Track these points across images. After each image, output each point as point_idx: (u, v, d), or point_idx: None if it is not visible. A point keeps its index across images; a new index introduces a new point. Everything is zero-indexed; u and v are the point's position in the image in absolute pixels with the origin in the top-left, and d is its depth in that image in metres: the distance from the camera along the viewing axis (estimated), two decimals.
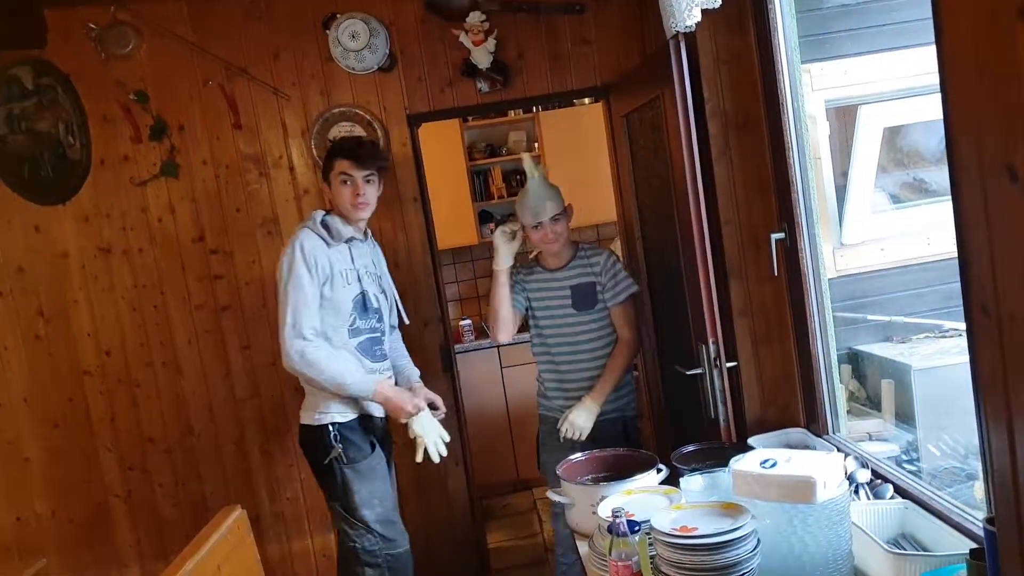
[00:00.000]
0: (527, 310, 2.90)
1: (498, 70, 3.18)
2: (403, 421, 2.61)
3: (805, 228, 2.13)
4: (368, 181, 2.63)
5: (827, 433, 2.18)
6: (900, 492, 1.79)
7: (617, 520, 1.59)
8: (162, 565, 3.16)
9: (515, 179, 5.36)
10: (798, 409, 2.29)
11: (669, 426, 3.02)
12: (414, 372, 2.86)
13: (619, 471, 2.11)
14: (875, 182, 3.04)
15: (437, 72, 3.20)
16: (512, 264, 2.82)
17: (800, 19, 2.24)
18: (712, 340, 2.23)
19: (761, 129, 2.27)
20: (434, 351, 3.26)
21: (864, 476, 1.86)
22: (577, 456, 2.18)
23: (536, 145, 5.35)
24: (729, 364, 2.24)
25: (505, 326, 2.82)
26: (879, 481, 1.84)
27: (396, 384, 2.73)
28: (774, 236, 2.19)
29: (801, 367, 2.25)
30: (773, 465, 1.57)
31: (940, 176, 3.70)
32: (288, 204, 3.19)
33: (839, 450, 2.02)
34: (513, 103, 3.47)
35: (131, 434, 3.18)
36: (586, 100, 5.25)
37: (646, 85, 2.66)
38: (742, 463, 1.60)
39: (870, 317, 3.23)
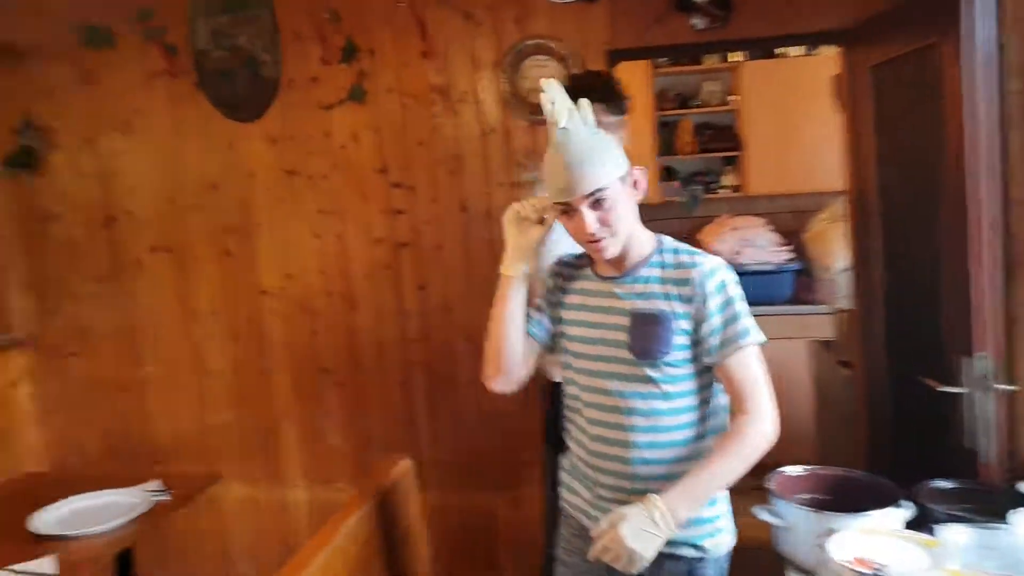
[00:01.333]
0: (552, 340, 1.70)
1: (719, 4, 2.72)
2: None
3: None
4: None
5: None
6: None
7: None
8: (329, 491, 3.12)
9: (706, 133, 4.83)
10: None
11: (891, 442, 2.51)
12: None
13: (843, 496, 1.72)
14: None
15: (647, 4, 2.78)
16: (528, 270, 1.63)
17: None
18: (981, 354, 1.74)
19: None
20: None
21: None
22: (795, 469, 1.79)
23: (732, 99, 4.78)
24: (1004, 387, 1.75)
25: (507, 364, 1.63)
26: None
27: None
28: None
29: None
30: None
31: None
32: (472, 143, 2.93)
33: None
34: (731, 44, 3.01)
35: (306, 361, 3.12)
36: (798, 51, 4.61)
37: (911, 30, 2.13)
38: None
39: None
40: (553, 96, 1.50)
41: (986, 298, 1.74)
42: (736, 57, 4.57)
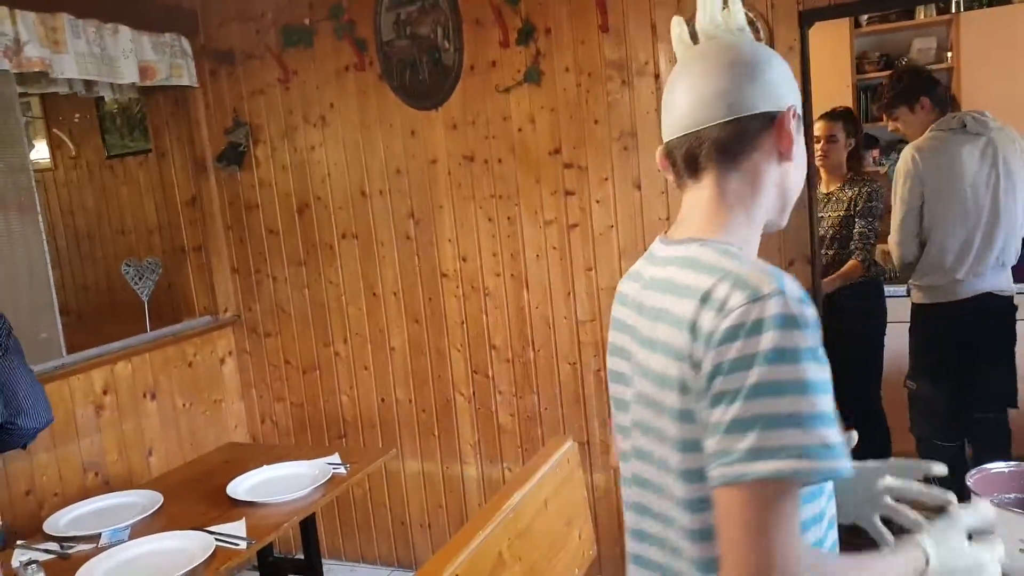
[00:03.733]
0: None
1: None
2: None
3: None
4: None
5: None
6: None
7: None
8: (497, 469, 3.30)
9: None
10: None
11: None
12: None
13: None
14: None
15: None
16: None
17: None
18: None
19: None
20: None
21: None
22: (997, 465, 1.64)
23: (950, 55, 4.34)
24: None
25: None
26: None
27: None
28: None
29: None
30: None
31: None
32: (648, 116, 2.92)
33: None
34: None
35: (478, 339, 3.30)
36: None
37: None
38: None
39: None
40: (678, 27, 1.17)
41: None
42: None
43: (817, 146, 3.47)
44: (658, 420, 1.02)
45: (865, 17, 4.41)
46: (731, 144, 1.05)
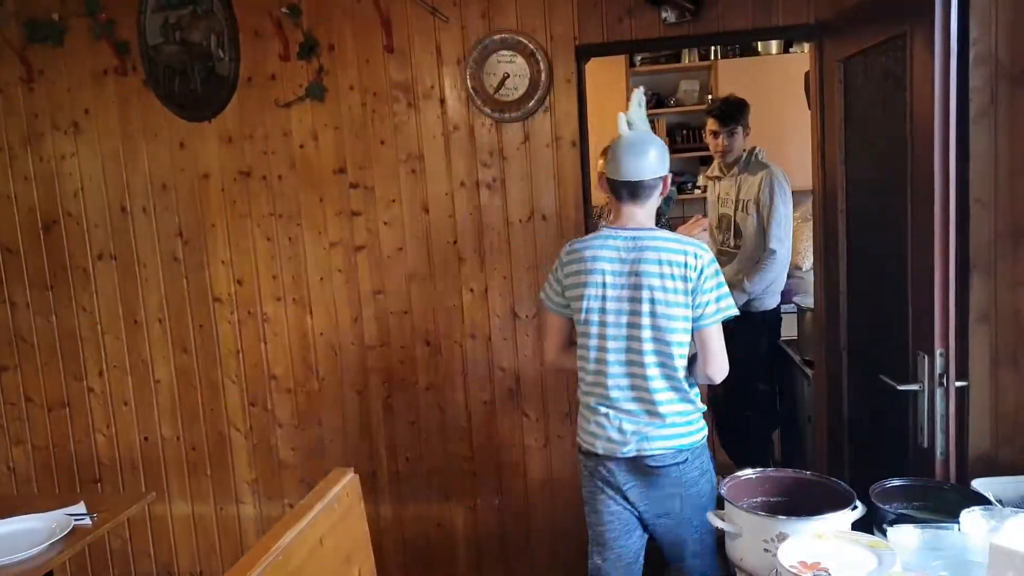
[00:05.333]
0: None
1: None
2: None
3: None
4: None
5: None
6: None
7: None
8: (277, 507, 3.13)
9: (681, 134, 4.90)
10: None
11: (850, 443, 2.57)
12: None
13: (799, 498, 1.75)
14: None
15: None
16: None
17: None
18: (940, 351, 1.78)
19: None
20: None
21: None
22: (747, 472, 1.82)
23: (710, 97, 4.84)
24: (958, 383, 1.79)
25: None
26: None
27: None
28: None
29: None
30: None
31: None
32: (435, 141, 2.96)
33: None
34: (703, 39, 3.05)
35: (256, 369, 3.13)
36: (772, 49, 4.70)
37: (883, 21, 2.17)
38: (1005, 537, 1.19)
39: None
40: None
41: (948, 296, 1.78)
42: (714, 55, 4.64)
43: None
44: (668, 309, 2.01)
45: (639, 59, 4.81)
46: (658, 187, 2.13)
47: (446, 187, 2.96)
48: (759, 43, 4.76)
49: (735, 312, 2.07)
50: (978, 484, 1.75)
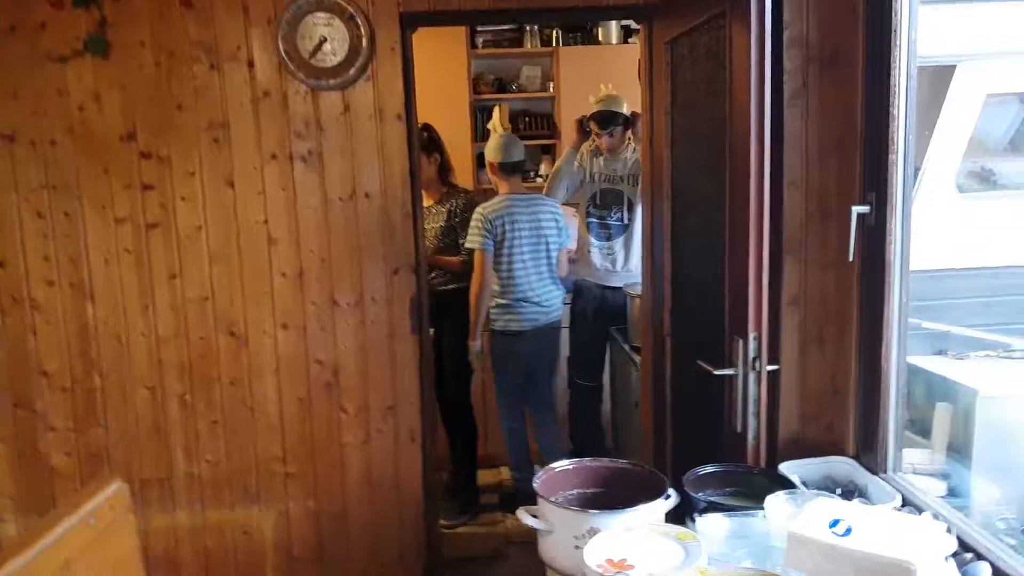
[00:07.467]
0: None
1: None
2: None
3: (900, 204, 1.66)
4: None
5: (885, 471, 1.74)
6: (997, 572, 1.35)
7: None
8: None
9: (524, 120, 4.84)
10: (846, 432, 1.87)
11: (673, 429, 2.57)
12: None
13: (615, 489, 1.68)
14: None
15: None
16: None
17: None
18: (754, 335, 1.77)
19: (854, 67, 1.80)
20: (403, 305, 2.79)
21: (949, 545, 1.41)
22: (562, 464, 1.73)
23: (552, 85, 4.82)
24: (769, 367, 1.79)
25: None
26: (970, 556, 1.40)
27: None
28: (856, 209, 1.71)
29: (865, 381, 1.80)
30: (847, 532, 1.12)
31: (1010, 167, 3.25)
32: (243, 108, 2.69)
33: (904, 498, 1.58)
34: (532, 13, 2.95)
35: (22, 364, 2.72)
36: (613, 38, 4.74)
37: (704, 1, 2.16)
38: (802, 524, 1.16)
39: (925, 324, 2.79)
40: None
41: (762, 279, 1.77)
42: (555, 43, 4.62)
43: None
44: (554, 239, 3.65)
45: (481, 41, 4.70)
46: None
47: (255, 159, 2.70)
48: (600, 31, 4.78)
49: None
50: (785, 467, 1.76)
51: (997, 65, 2.46)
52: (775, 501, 1.41)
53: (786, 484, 1.63)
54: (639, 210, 3.56)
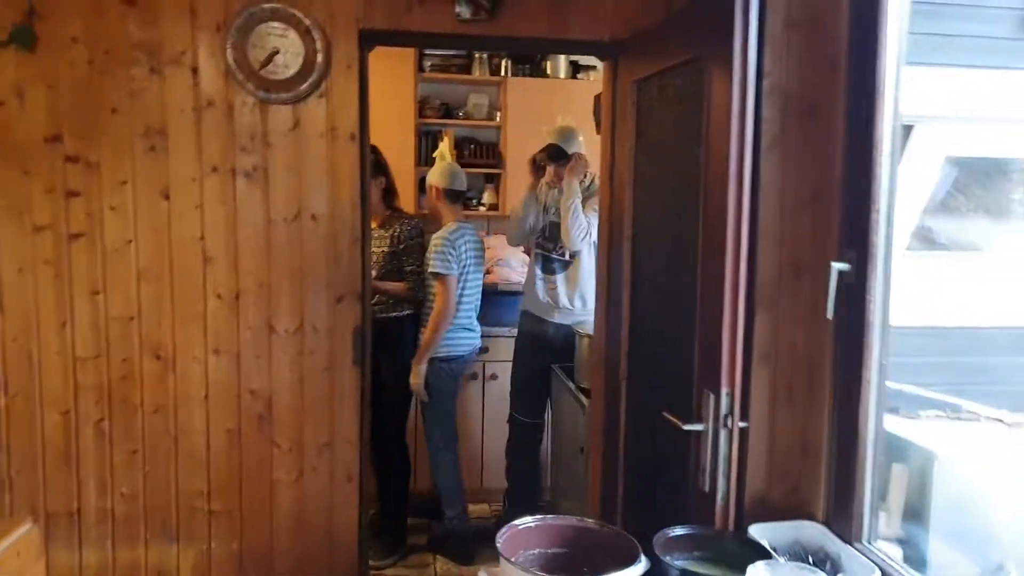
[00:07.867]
0: None
1: None
2: None
3: (881, 261, 1.64)
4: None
5: (860, 540, 1.70)
6: None
7: None
8: None
9: (468, 147, 4.76)
10: (815, 495, 1.82)
11: (626, 480, 2.48)
12: None
13: (579, 551, 1.59)
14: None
15: None
16: None
17: None
18: (727, 390, 1.71)
19: (832, 120, 1.78)
20: (346, 335, 2.64)
21: None
22: (525, 521, 1.63)
23: (499, 114, 4.76)
24: (741, 424, 1.74)
25: None
26: None
27: None
28: (836, 266, 1.68)
29: (840, 443, 1.76)
30: None
31: (950, 226, 3.35)
32: (184, 115, 2.52)
33: (883, 571, 1.54)
34: (496, 41, 2.90)
35: None
36: (561, 72, 4.71)
37: (679, 43, 2.14)
38: None
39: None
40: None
41: (736, 333, 1.72)
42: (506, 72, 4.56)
43: None
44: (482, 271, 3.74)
45: (429, 64, 4.61)
46: None
47: (194, 171, 2.53)
48: (548, 65, 4.76)
49: None
50: (754, 530, 1.71)
51: (950, 128, 2.52)
52: (757, 573, 1.35)
53: (757, 549, 1.57)
54: (588, 248, 3.52)
